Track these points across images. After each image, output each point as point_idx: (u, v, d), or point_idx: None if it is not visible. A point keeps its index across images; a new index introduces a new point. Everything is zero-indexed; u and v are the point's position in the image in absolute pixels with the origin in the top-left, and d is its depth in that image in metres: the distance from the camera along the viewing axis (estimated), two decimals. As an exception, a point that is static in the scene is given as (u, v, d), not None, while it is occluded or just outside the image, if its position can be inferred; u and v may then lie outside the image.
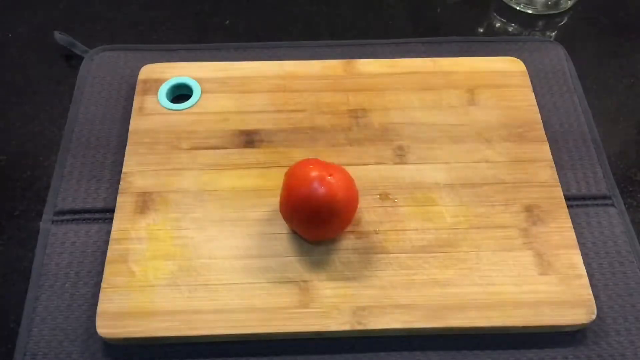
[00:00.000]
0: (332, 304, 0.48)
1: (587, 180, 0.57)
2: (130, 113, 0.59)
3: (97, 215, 0.54)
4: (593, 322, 0.48)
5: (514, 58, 0.64)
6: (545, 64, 0.65)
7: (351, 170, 0.50)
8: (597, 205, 0.55)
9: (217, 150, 0.57)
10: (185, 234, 0.52)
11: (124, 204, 0.53)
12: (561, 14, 0.72)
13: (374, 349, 0.48)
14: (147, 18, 0.71)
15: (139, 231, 0.52)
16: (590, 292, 0.49)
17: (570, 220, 0.53)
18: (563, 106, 0.62)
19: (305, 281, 0.49)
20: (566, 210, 0.54)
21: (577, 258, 0.51)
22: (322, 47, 0.67)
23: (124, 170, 0.55)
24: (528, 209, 0.53)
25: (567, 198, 0.55)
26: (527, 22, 0.72)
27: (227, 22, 0.71)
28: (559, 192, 0.55)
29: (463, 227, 0.52)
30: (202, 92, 0.61)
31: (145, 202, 0.53)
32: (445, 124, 0.59)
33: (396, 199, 0.54)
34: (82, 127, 0.60)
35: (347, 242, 0.51)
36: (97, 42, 0.67)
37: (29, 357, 0.47)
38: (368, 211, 0.53)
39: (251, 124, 0.59)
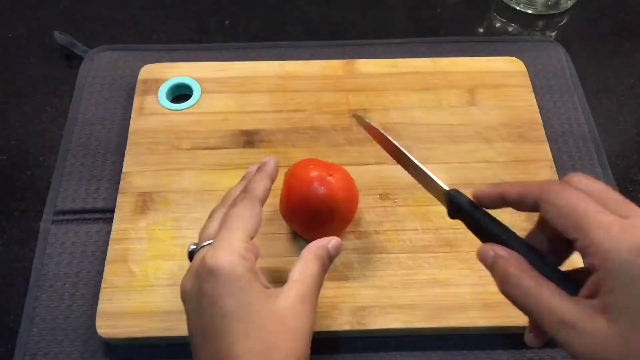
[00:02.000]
0: (332, 304, 0.48)
1: (587, 180, 0.57)
2: (130, 113, 0.59)
3: (97, 215, 0.54)
4: (593, 322, 0.48)
5: (514, 58, 0.64)
6: (545, 64, 0.65)
7: (351, 170, 0.50)
8: (597, 205, 0.55)
9: (217, 150, 0.57)
10: (185, 234, 0.52)
11: (124, 204, 0.53)
12: (561, 14, 0.72)
13: (374, 349, 0.48)
14: (147, 18, 0.71)
15: (139, 231, 0.52)
16: (590, 292, 0.49)
17: (570, 220, 0.53)
18: (563, 106, 0.62)
19: (305, 281, 0.49)
20: (566, 210, 0.53)
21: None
22: (322, 47, 0.67)
23: (124, 170, 0.55)
24: (528, 209, 0.53)
25: (567, 198, 0.55)
26: (527, 22, 0.72)
27: (227, 22, 0.71)
28: (559, 192, 0.55)
29: (463, 227, 0.52)
30: (202, 92, 0.61)
31: (145, 202, 0.53)
32: (445, 124, 0.59)
33: (396, 199, 0.54)
34: (82, 127, 0.60)
35: (347, 242, 0.51)
36: (97, 42, 0.67)
37: (29, 357, 0.47)
38: (368, 211, 0.53)
39: (251, 124, 0.59)
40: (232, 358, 0.35)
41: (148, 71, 0.62)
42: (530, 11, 0.72)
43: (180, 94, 0.62)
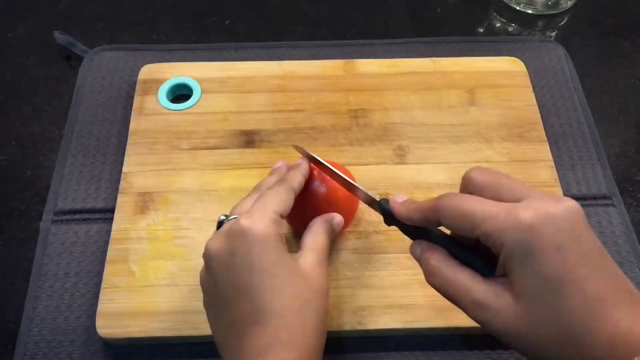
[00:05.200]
0: (332, 304, 0.48)
1: (587, 180, 0.57)
2: (130, 113, 0.59)
3: (97, 215, 0.54)
4: (593, 322, 0.48)
5: (514, 58, 0.64)
6: (545, 64, 0.65)
7: (351, 170, 0.50)
8: (597, 205, 0.55)
9: (217, 150, 0.57)
10: (185, 234, 0.52)
11: (124, 204, 0.53)
12: (561, 14, 0.72)
13: (374, 349, 0.48)
14: (147, 18, 0.71)
15: (139, 231, 0.52)
16: (590, 292, 0.49)
17: (570, 220, 0.53)
18: (563, 106, 0.62)
19: (305, 281, 0.49)
20: (566, 210, 0.53)
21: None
22: (322, 47, 0.67)
23: (124, 170, 0.55)
24: (528, 209, 0.53)
25: (567, 198, 0.55)
26: (527, 22, 0.72)
27: (227, 22, 0.71)
28: (559, 192, 0.55)
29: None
30: (202, 92, 0.61)
31: (145, 202, 0.53)
32: (445, 124, 0.59)
33: (396, 199, 0.54)
34: (82, 127, 0.60)
35: (347, 242, 0.51)
36: (97, 42, 0.67)
37: (29, 357, 0.47)
38: (368, 211, 0.53)
39: (251, 124, 0.59)
40: (271, 313, 0.37)
41: (148, 71, 0.62)
42: (530, 11, 0.72)
43: (180, 94, 0.62)
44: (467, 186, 0.37)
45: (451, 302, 0.36)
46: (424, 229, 0.38)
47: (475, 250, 0.36)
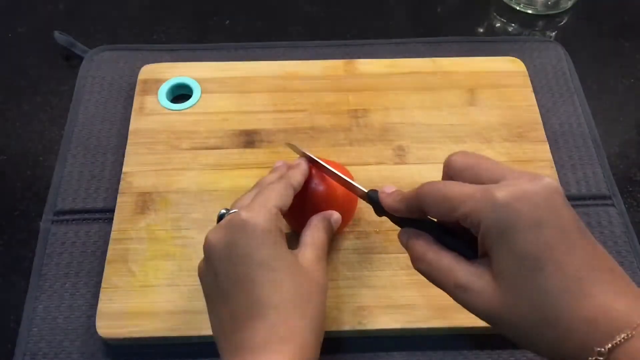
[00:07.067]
0: (332, 304, 0.48)
1: (587, 180, 0.57)
2: (130, 113, 0.59)
3: (97, 215, 0.54)
4: (593, 322, 0.48)
5: (514, 58, 0.64)
6: (545, 64, 0.65)
7: (351, 170, 0.50)
8: (597, 205, 0.55)
9: (217, 150, 0.57)
10: (185, 234, 0.52)
11: (124, 204, 0.53)
12: (561, 14, 0.72)
13: (374, 349, 0.48)
14: (147, 18, 0.71)
15: (139, 231, 0.52)
16: (590, 292, 0.49)
17: (570, 220, 0.53)
18: (563, 106, 0.62)
19: (305, 281, 0.49)
20: (566, 210, 0.53)
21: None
22: (322, 47, 0.67)
23: (124, 170, 0.55)
24: (528, 209, 0.53)
25: (567, 198, 0.54)
26: (527, 22, 0.72)
27: (227, 22, 0.71)
28: (559, 192, 0.55)
29: (463, 227, 0.52)
30: (202, 92, 0.61)
31: (145, 202, 0.53)
32: (445, 124, 0.59)
33: (396, 199, 0.54)
34: (82, 127, 0.60)
35: (347, 242, 0.51)
36: (97, 42, 0.67)
37: (29, 357, 0.47)
38: (368, 211, 0.53)
39: (251, 124, 0.59)
40: (270, 307, 0.37)
41: (148, 71, 0.62)
42: (530, 11, 0.72)
43: (180, 94, 0.62)
44: (448, 170, 0.37)
45: (436, 286, 0.36)
46: (412, 218, 0.39)
47: (464, 236, 0.36)
